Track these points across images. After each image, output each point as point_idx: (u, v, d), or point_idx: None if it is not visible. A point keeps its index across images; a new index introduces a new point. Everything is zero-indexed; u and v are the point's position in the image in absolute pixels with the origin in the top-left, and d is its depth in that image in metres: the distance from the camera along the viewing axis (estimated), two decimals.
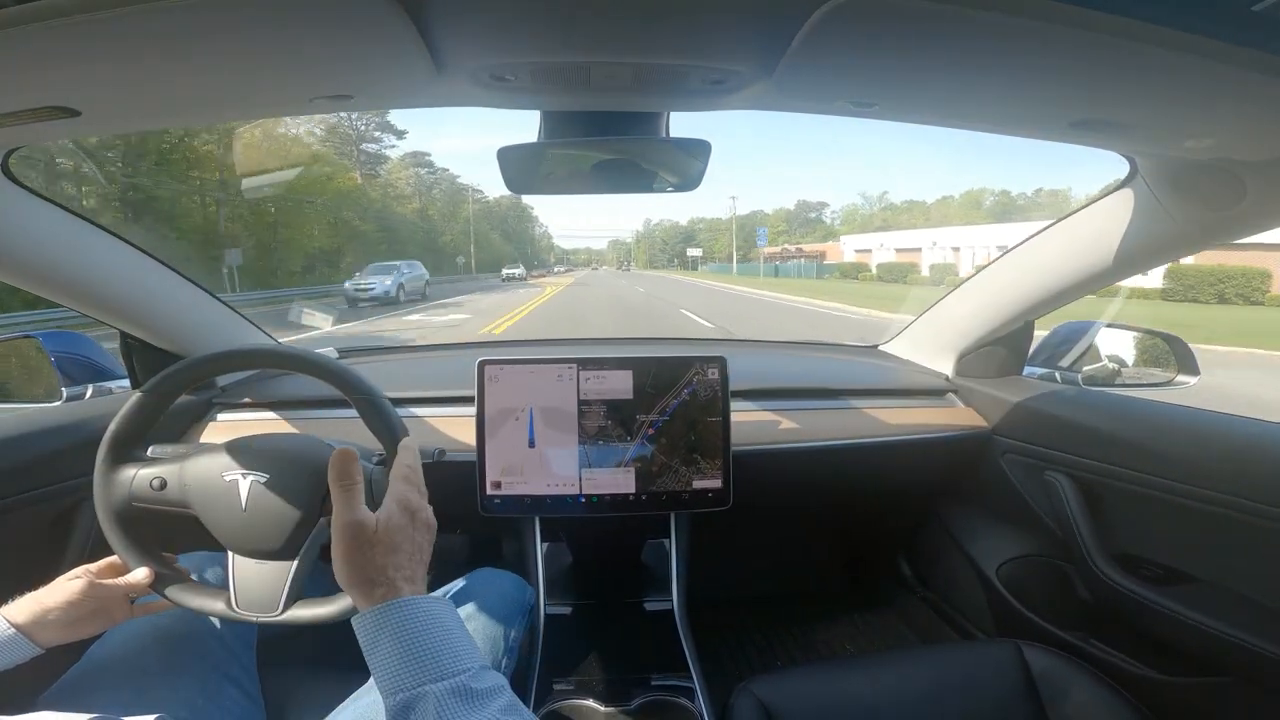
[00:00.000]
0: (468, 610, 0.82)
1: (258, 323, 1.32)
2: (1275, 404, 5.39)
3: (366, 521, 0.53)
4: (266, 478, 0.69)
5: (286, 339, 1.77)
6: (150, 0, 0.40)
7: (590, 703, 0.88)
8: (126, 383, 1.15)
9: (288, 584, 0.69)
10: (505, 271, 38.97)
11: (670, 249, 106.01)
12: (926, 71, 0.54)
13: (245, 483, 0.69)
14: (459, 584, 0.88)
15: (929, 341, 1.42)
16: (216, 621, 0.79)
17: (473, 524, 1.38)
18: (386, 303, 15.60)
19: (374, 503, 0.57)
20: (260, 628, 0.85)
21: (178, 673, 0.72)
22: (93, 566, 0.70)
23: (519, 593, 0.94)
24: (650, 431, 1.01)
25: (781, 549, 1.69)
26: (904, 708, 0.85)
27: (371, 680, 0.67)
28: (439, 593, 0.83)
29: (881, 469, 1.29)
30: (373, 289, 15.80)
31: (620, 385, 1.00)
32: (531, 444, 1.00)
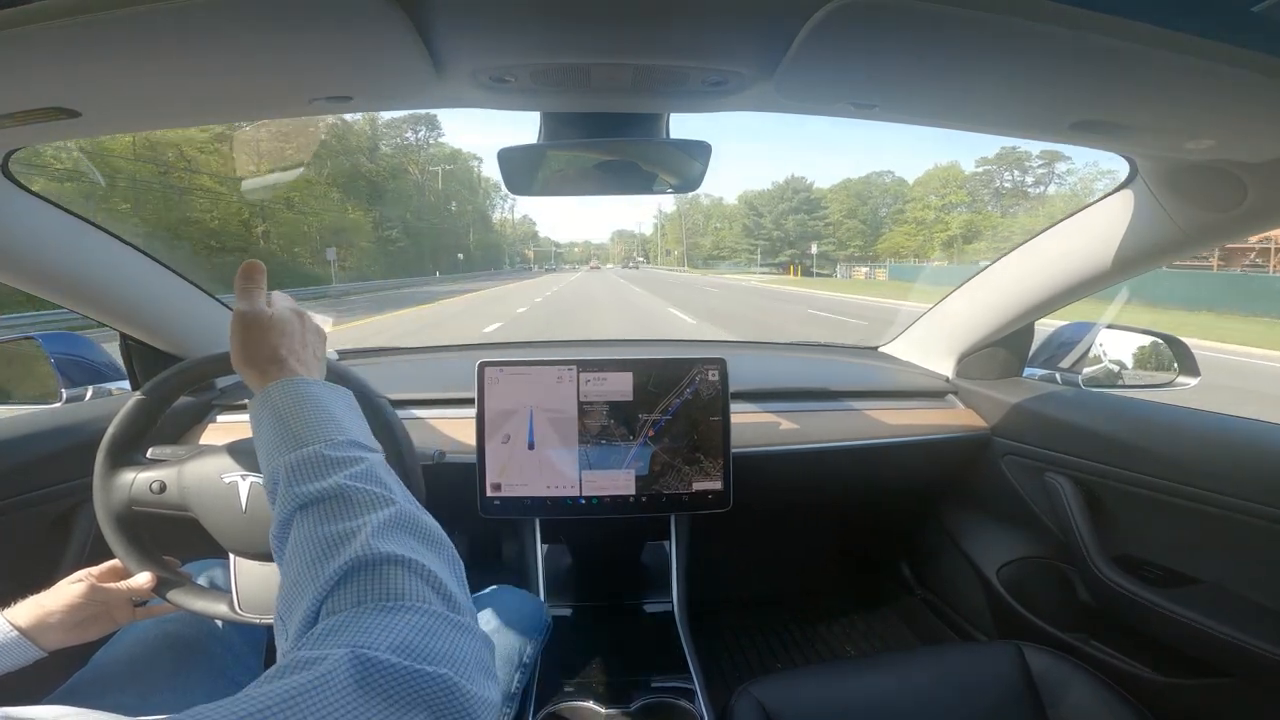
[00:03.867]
0: (484, 626, 0.82)
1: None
2: None
3: (262, 311, 0.54)
4: None
5: None
6: (150, 1, 0.40)
7: (590, 704, 0.88)
8: (126, 384, 1.15)
9: None
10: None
11: (759, 236, 65.97)
12: (927, 73, 0.54)
13: (245, 484, 0.69)
14: (477, 599, 0.88)
15: (929, 343, 1.42)
16: (223, 625, 0.79)
17: (473, 525, 1.38)
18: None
19: None
20: (269, 632, 0.85)
21: (184, 677, 0.72)
22: (94, 570, 0.70)
23: (537, 612, 0.94)
24: (651, 433, 1.01)
25: (781, 551, 1.68)
26: (904, 709, 0.84)
27: None
28: None
29: (882, 470, 1.29)
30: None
31: (621, 387, 1.00)
32: (531, 446, 1.00)
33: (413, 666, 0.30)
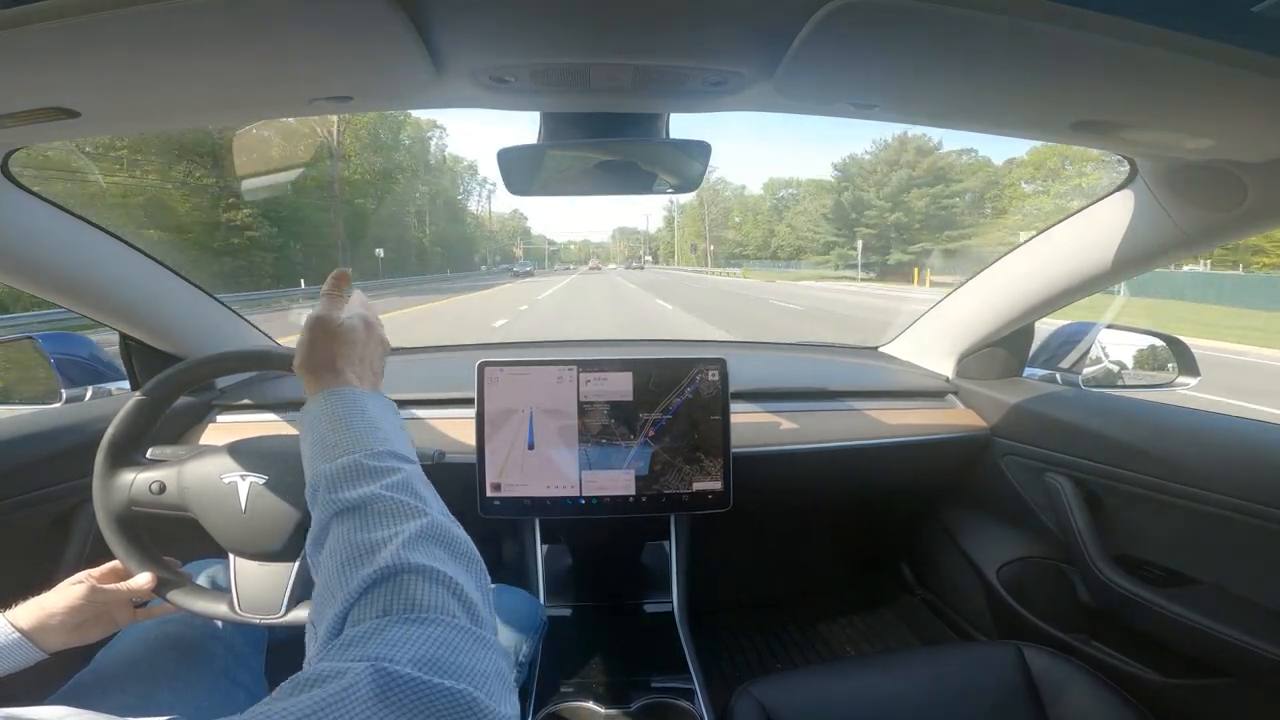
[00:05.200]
0: None
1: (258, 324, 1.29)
2: None
3: (334, 318, 0.56)
4: (266, 479, 0.69)
5: (286, 340, 1.76)
6: (150, 1, 0.40)
7: (590, 705, 0.88)
8: (126, 384, 1.15)
9: (289, 585, 0.69)
10: None
11: (861, 222, 39.08)
12: (927, 73, 0.54)
13: (244, 485, 0.69)
14: None
15: (929, 343, 1.42)
16: (223, 626, 0.79)
17: (472, 526, 1.38)
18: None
19: None
20: (270, 632, 0.85)
21: (185, 678, 0.72)
22: (95, 571, 0.70)
23: (532, 611, 0.94)
24: (651, 433, 1.01)
25: (781, 551, 1.69)
26: (904, 710, 0.84)
27: None
28: None
29: (882, 471, 1.29)
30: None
31: (621, 387, 1.00)
32: (531, 446, 1.00)
33: (434, 681, 0.30)
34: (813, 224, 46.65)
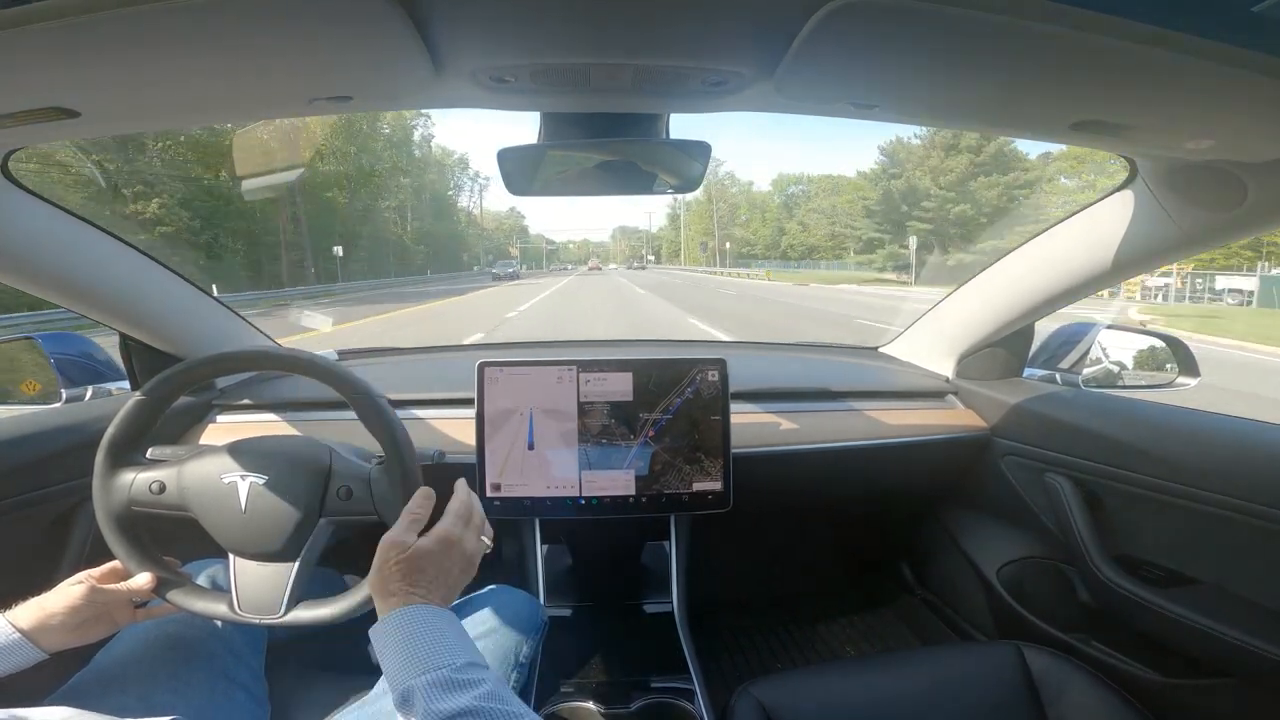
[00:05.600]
0: (481, 626, 0.83)
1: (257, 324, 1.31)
2: None
3: (405, 544, 0.60)
4: (265, 479, 0.69)
5: (286, 341, 1.77)
6: (150, 1, 0.40)
7: (590, 705, 0.88)
8: (126, 384, 1.15)
9: (289, 585, 0.69)
10: None
11: (915, 215, 29.12)
12: (927, 73, 0.54)
13: (244, 485, 0.69)
14: (474, 598, 0.89)
15: (929, 343, 1.42)
16: (223, 625, 0.79)
17: None
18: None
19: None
20: (270, 632, 0.85)
21: (184, 678, 0.72)
22: (95, 571, 0.70)
23: (532, 612, 0.94)
24: (651, 433, 1.01)
25: (781, 551, 1.69)
26: (904, 710, 0.84)
27: (379, 684, 0.69)
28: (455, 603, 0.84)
29: (882, 471, 1.29)
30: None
31: (621, 387, 1.00)
32: (531, 446, 1.00)
33: None
34: (848, 220, 39.06)
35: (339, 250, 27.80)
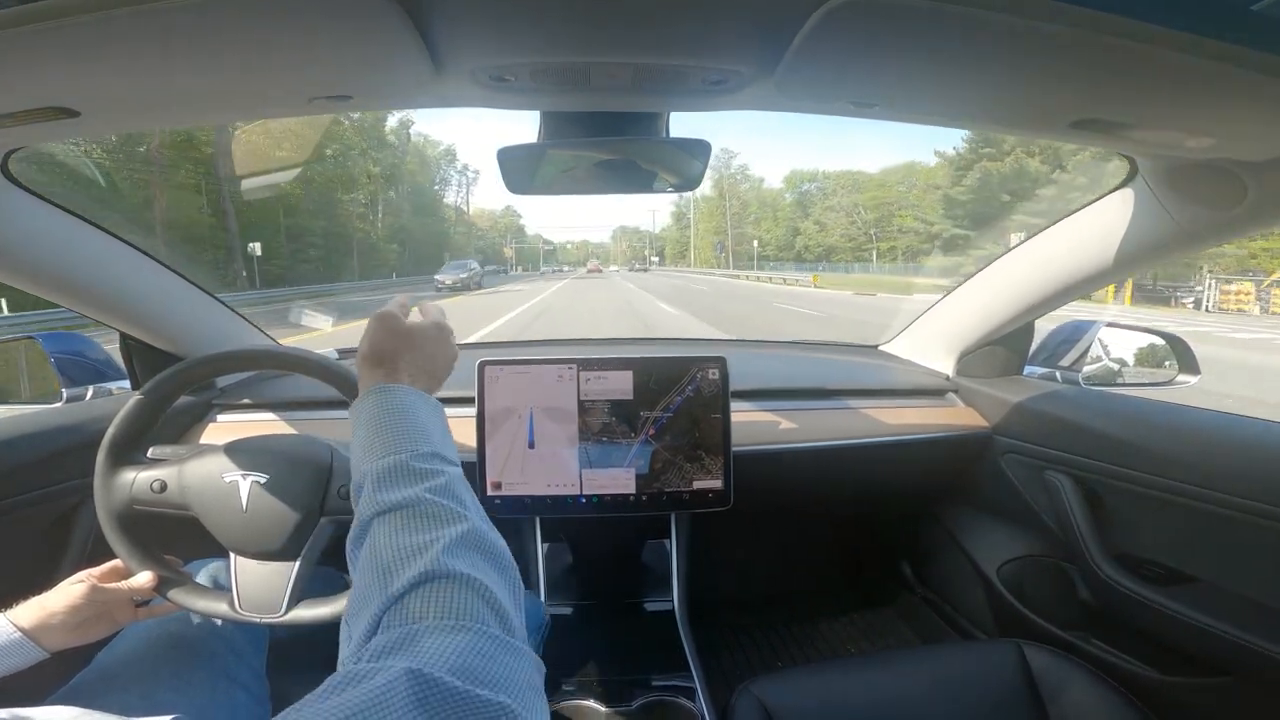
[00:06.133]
0: None
1: (257, 323, 1.32)
2: None
3: (400, 315, 0.58)
4: (266, 478, 0.69)
5: (286, 340, 1.76)
6: (150, 1, 0.40)
7: (591, 703, 0.88)
8: (126, 383, 1.15)
9: (290, 584, 0.69)
10: None
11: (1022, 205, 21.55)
12: (927, 71, 0.54)
13: (245, 484, 0.69)
14: None
15: (929, 341, 1.42)
16: (224, 624, 0.79)
17: None
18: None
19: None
20: (271, 631, 0.85)
21: (186, 677, 0.72)
22: (95, 571, 0.70)
23: (535, 611, 0.94)
24: (651, 431, 1.01)
25: (782, 549, 1.69)
26: (905, 708, 0.85)
27: None
28: None
29: (882, 469, 1.29)
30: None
31: (621, 385, 1.00)
32: (531, 445, 1.00)
33: (473, 691, 0.30)
34: (928, 209, 32.76)
35: (255, 248, 22.45)
